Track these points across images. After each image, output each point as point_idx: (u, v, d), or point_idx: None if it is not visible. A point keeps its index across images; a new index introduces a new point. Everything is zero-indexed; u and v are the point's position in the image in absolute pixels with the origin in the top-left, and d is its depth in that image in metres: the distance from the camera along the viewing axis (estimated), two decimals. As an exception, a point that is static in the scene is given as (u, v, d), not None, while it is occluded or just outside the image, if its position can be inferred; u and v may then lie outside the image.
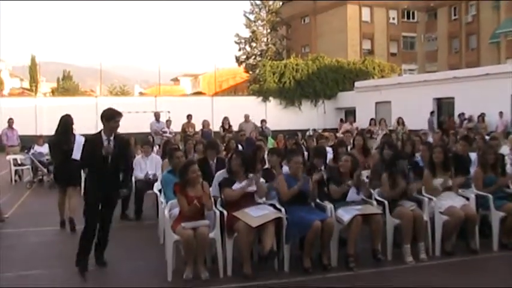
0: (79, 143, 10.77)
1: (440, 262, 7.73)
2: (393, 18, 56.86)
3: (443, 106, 30.20)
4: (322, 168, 8.60)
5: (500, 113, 25.32)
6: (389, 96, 32.88)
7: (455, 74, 31.24)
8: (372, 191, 8.38)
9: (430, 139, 13.68)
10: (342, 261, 7.46)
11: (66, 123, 10.22)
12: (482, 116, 25.48)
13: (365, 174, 9.33)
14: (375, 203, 8.06)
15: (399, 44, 57.23)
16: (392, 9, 56.42)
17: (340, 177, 8.02)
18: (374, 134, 20.46)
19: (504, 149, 11.66)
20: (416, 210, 7.95)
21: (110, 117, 7.51)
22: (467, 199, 8.39)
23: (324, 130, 27.27)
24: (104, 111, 7.62)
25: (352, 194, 7.92)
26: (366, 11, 55.08)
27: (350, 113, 35.55)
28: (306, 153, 11.45)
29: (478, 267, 7.70)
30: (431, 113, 29.03)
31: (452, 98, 28.98)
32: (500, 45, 46.39)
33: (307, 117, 36.97)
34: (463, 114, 27.13)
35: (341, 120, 34.56)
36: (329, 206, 7.73)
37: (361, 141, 11.20)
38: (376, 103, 33.96)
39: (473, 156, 10.22)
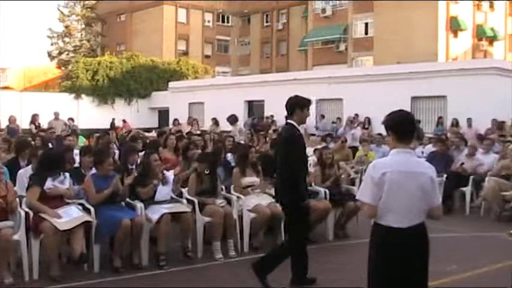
0: None
1: (248, 258, 8.01)
2: (209, 21, 57.66)
3: (254, 108, 31.21)
4: (134, 167, 8.52)
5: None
6: (202, 97, 33.33)
7: (265, 78, 32.53)
8: (182, 189, 8.51)
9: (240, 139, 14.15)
10: (153, 259, 7.51)
11: None
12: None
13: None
14: (185, 201, 8.19)
15: (214, 46, 58.18)
16: (208, 12, 57.24)
17: (149, 178, 7.98)
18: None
19: (308, 150, 12.37)
20: (227, 208, 8.21)
21: (305, 104, 6.32)
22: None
23: (146, 130, 25.93)
24: (296, 98, 6.39)
25: (159, 193, 7.95)
26: (182, 12, 55.30)
27: (164, 113, 35.54)
28: (117, 152, 11.29)
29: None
30: (322, 116, 27.12)
31: (263, 101, 30.04)
32: (308, 52, 48.98)
33: (121, 116, 36.35)
34: (272, 116, 28.18)
35: (123, 121, 32.38)
36: (139, 205, 7.72)
37: (173, 141, 11.28)
38: (190, 104, 34.28)
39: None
